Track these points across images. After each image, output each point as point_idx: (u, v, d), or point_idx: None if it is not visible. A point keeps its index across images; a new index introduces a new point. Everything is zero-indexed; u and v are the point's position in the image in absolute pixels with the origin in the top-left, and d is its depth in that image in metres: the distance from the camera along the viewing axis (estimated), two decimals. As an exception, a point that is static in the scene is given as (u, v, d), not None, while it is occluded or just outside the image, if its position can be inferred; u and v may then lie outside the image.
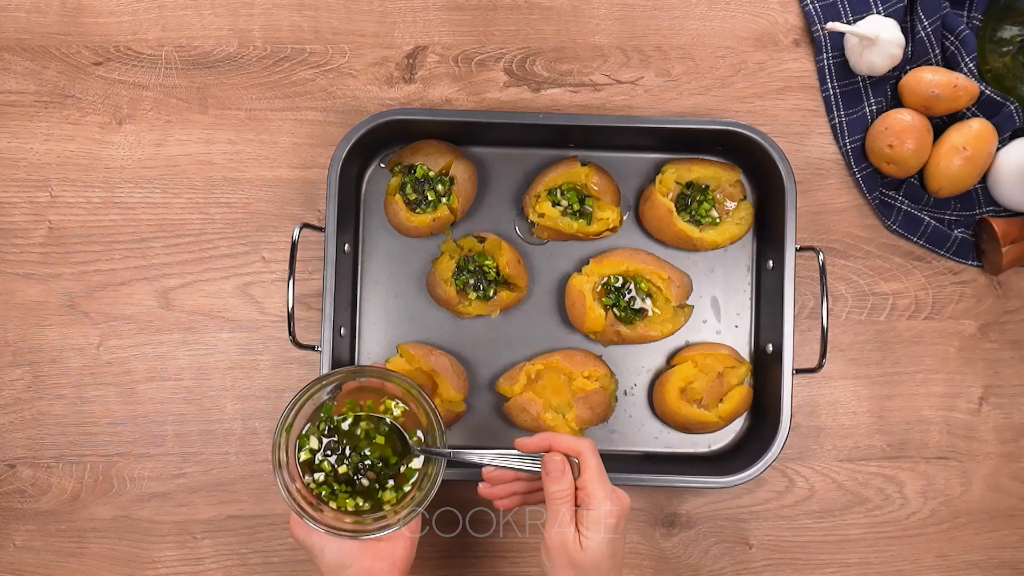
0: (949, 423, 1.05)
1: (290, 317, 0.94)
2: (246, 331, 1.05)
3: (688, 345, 1.04)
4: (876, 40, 1.00)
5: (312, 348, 0.97)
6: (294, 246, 0.94)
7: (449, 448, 0.86)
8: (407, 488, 0.88)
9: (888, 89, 1.05)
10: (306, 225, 0.96)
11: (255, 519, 1.04)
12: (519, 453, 0.85)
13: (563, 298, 1.03)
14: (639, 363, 1.04)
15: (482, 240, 1.03)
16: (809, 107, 1.07)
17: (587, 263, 1.02)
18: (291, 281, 0.93)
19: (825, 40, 1.05)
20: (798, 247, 0.98)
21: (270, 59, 1.06)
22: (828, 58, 1.05)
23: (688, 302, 1.04)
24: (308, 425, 0.88)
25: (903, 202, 1.05)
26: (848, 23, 1.05)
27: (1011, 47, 1.01)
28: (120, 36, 1.06)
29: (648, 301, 1.02)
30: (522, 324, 1.05)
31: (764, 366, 1.02)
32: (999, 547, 1.04)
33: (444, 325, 1.04)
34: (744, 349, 1.04)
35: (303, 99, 1.06)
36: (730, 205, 1.04)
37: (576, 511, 0.81)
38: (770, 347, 1.00)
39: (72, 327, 1.04)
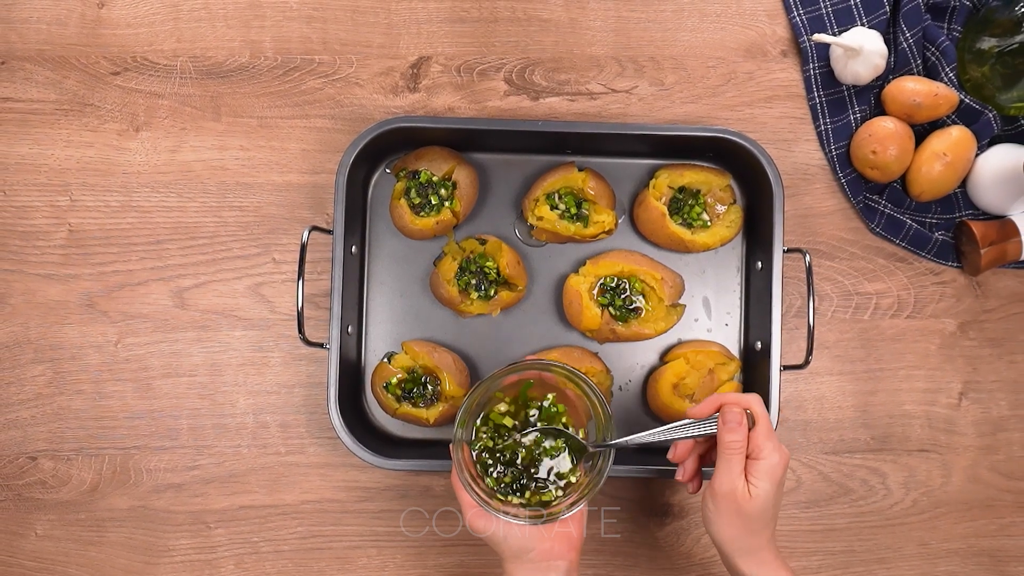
0: (930, 417, 1.05)
1: (300, 316, 0.94)
2: (257, 329, 1.05)
3: (680, 343, 1.04)
4: (860, 51, 1.00)
5: (321, 345, 0.97)
6: (303, 248, 0.94)
7: (619, 438, 0.85)
8: (574, 479, 0.87)
9: (872, 98, 1.05)
10: (315, 228, 0.96)
11: (266, 509, 1.04)
12: (689, 421, 0.85)
13: (561, 298, 1.03)
14: (633, 360, 1.05)
15: (483, 242, 1.03)
16: (796, 115, 1.07)
17: (584, 264, 1.02)
18: (300, 281, 0.93)
19: (811, 51, 1.06)
20: (786, 249, 0.98)
21: (280, 69, 1.06)
22: (814, 68, 1.06)
23: (680, 301, 1.04)
24: (482, 427, 0.87)
25: (886, 206, 1.05)
26: (833, 35, 1.05)
27: (990, 58, 1.01)
28: (137, 47, 1.07)
29: (642, 300, 1.02)
30: (522, 323, 1.05)
31: (753, 363, 1.02)
32: (978, 536, 1.05)
33: (447, 323, 1.05)
34: (734, 346, 1.04)
35: (312, 107, 1.06)
36: (721, 209, 1.04)
37: (746, 462, 0.83)
38: (759, 344, 1.01)
39: (91, 325, 1.05)
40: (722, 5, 1.07)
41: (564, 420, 0.88)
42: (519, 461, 0.86)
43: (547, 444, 0.87)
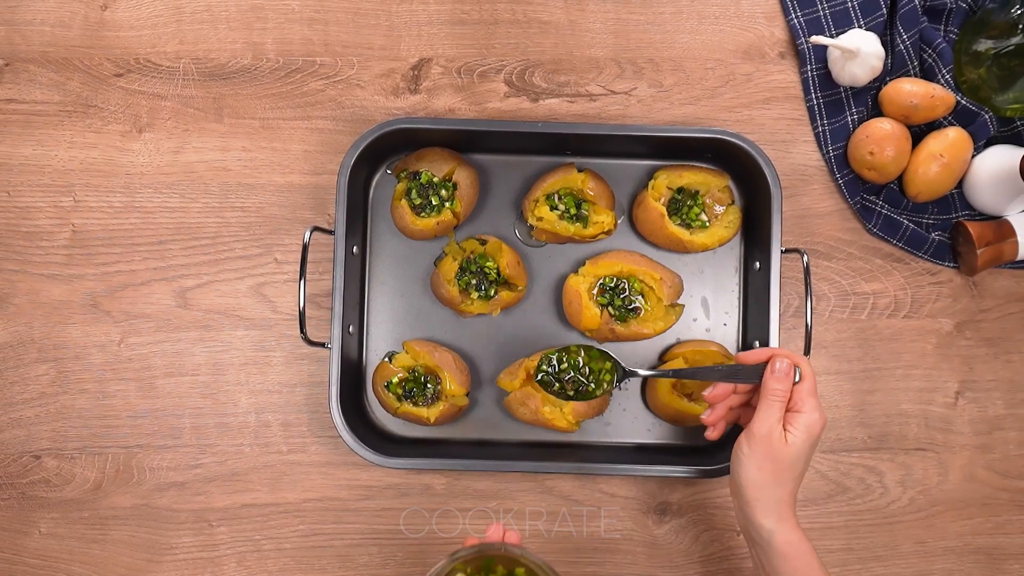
0: (927, 416, 1.05)
1: (301, 315, 0.94)
2: (259, 329, 1.05)
3: (679, 342, 1.04)
4: (858, 53, 1.01)
5: (322, 345, 0.97)
6: (305, 248, 0.94)
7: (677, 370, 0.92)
8: None
9: (869, 99, 1.05)
10: (317, 228, 0.96)
11: (268, 507, 1.04)
12: (736, 366, 0.89)
13: (560, 298, 1.04)
14: (633, 359, 1.05)
15: (483, 242, 1.03)
16: (794, 116, 1.07)
17: (583, 264, 1.03)
18: (302, 281, 0.94)
19: (809, 53, 1.06)
20: (783, 249, 0.99)
21: (282, 71, 1.07)
22: (812, 70, 1.06)
23: (679, 301, 1.04)
24: None
25: (883, 206, 1.06)
26: (831, 37, 1.05)
27: (986, 60, 1.01)
28: (140, 49, 1.07)
29: (641, 300, 1.02)
30: (521, 322, 1.05)
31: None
32: (974, 534, 1.05)
33: (447, 323, 1.05)
34: (732, 346, 1.05)
35: (314, 109, 1.06)
36: (719, 209, 1.04)
37: (786, 413, 0.86)
38: (757, 344, 1.01)
39: (94, 325, 1.05)
40: (720, 7, 1.07)
41: None
42: None
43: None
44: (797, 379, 0.86)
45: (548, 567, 0.80)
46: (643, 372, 0.94)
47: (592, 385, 0.96)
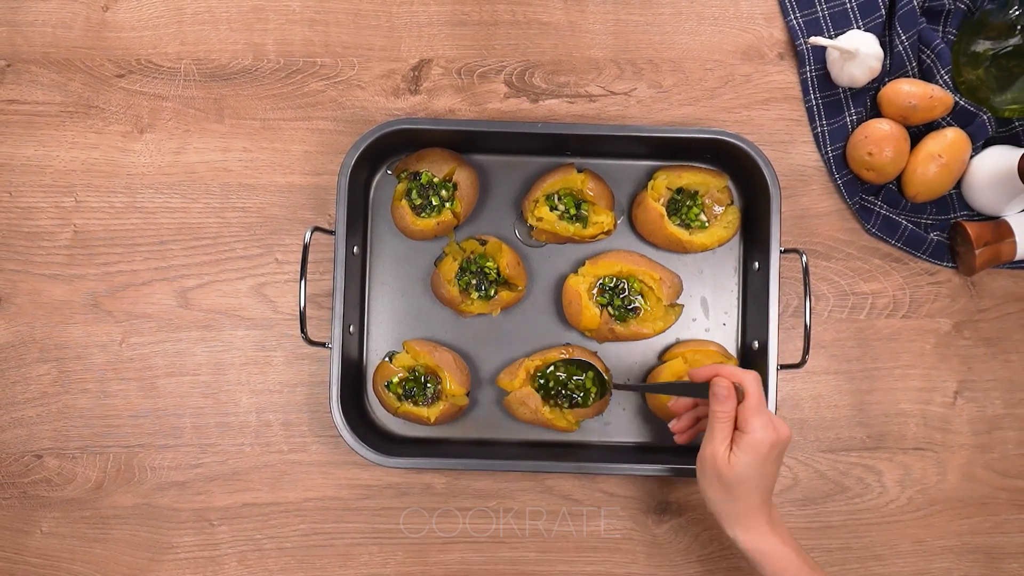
0: (925, 416, 1.05)
1: (302, 315, 0.94)
2: (260, 329, 1.05)
3: (679, 342, 1.05)
4: (856, 54, 1.01)
5: (323, 345, 0.97)
6: (306, 248, 0.94)
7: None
8: None
9: (868, 100, 1.05)
10: (317, 228, 0.96)
11: (269, 506, 1.04)
12: (688, 383, 0.90)
13: (560, 298, 1.04)
14: (632, 359, 1.05)
15: (484, 243, 1.03)
16: (793, 117, 1.07)
17: (583, 264, 1.03)
18: (303, 281, 0.94)
19: (808, 54, 1.06)
20: (782, 249, 0.99)
21: (283, 72, 1.07)
22: (811, 71, 1.06)
23: (678, 301, 1.04)
24: None
25: (882, 207, 1.06)
26: (830, 38, 1.05)
27: (984, 61, 1.01)
28: (141, 50, 1.07)
29: (641, 300, 1.02)
30: (521, 322, 1.05)
31: (750, 362, 1.02)
32: (972, 533, 1.05)
33: (448, 323, 1.05)
34: (731, 346, 1.05)
35: (314, 109, 1.07)
36: (718, 210, 1.04)
37: (734, 432, 0.86)
38: (756, 344, 1.01)
39: (96, 325, 1.05)
40: (720, 8, 1.08)
41: None
42: None
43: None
44: (741, 399, 0.87)
45: None
46: (617, 385, 0.98)
47: (580, 397, 1.00)
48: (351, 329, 1.01)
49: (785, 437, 0.86)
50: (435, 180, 1.02)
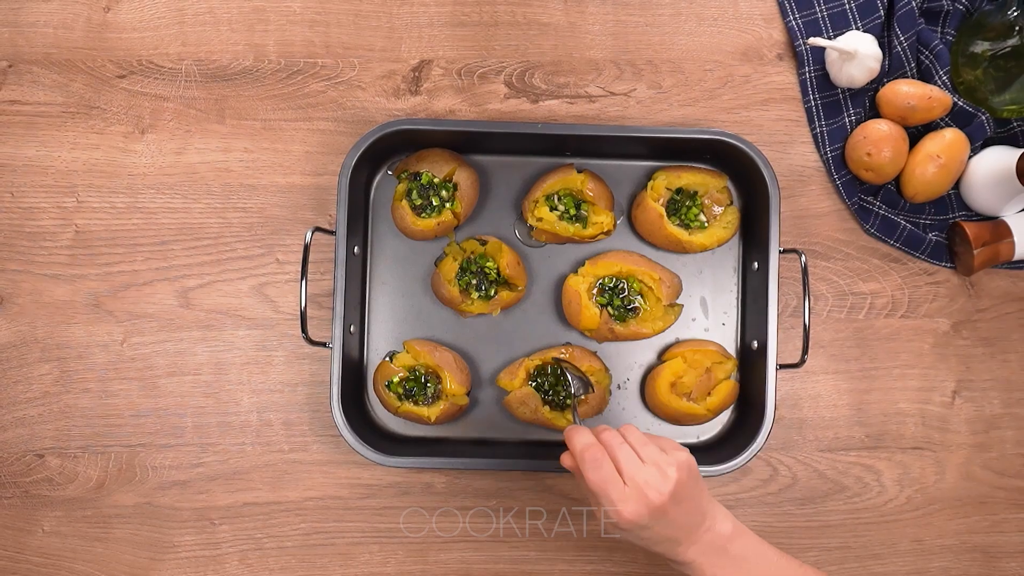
0: (924, 415, 1.06)
1: (303, 315, 0.94)
2: (261, 329, 1.05)
3: (678, 342, 1.05)
4: (855, 54, 1.01)
5: (323, 345, 0.97)
6: (307, 248, 0.94)
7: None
8: None
9: (866, 100, 1.06)
10: (318, 229, 0.97)
11: (270, 506, 1.04)
12: None
13: (560, 298, 1.04)
14: (632, 359, 1.05)
15: (484, 243, 1.03)
16: (792, 117, 1.07)
17: (583, 264, 1.03)
18: (304, 281, 0.94)
19: (807, 54, 1.06)
20: (781, 249, 0.99)
21: (284, 72, 1.07)
22: (810, 71, 1.06)
23: (678, 301, 1.05)
24: None
25: (880, 207, 1.06)
26: (829, 38, 1.06)
27: (983, 61, 1.01)
28: (143, 51, 1.07)
29: (640, 300, 1.02)
30: (521, 322, 1.05)
31: (750, 362, 1.02)
32: (971, 532, 1.05)
33: (448, 323, 1.05)
34: (731, 345, 1.05)
35: (315, 110, 1.07)
36: (717, 210, 1.04)
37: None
38: (755, 344, 1.01)
39: (97, 325, 1.05)
40: (719, 9, 1.08)
41: None
42: None
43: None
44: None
45: None
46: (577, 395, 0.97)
47: (563, 398, 1.01)
48: (352, 329, 1.01)
49: (622, 518, 0.79)
50: (435, 180, 1.02)
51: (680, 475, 0.80)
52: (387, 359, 1.03)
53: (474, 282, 1.02)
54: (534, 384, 1.01)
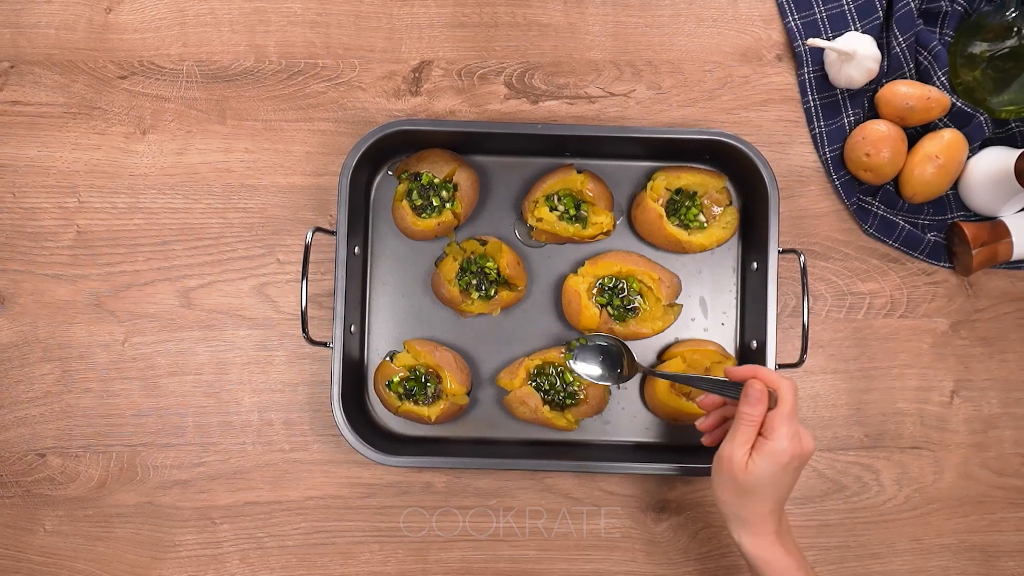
0: (922, 415, 1.06)
1: (303, 315, 0.94)
2: (262, 328, 1.06)
3: (677, 341, 1.05)
4: (854, 55, 1.01)
5: (324, 344, 0.98)
6: (307, 249, 0.94)
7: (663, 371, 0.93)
8: None
9: (865, 101, 1.06)
10: (319, 229, 0.97)
11: (271, 505, 1.04)
12: (723, 380, 0.88)
13: (560, 297, 1.04)
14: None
15: (484, 243, 1.03)
16: (791, 118, 1.08)
17: (582, 264, 1.03)
18: (304, 281, 0.94)
19: (806, 55, 1.06)
20: (781, 249, 0.99)
21: (285, 73, 1.07)
22: (809, 72, 1.06)
23: (677, 301, 1.05)
24: None
25: (879, 207, 1.06)
26: (828, 39, 1.06)
27: (981, 62, 1.01)
28: (144, 51, 1.07)
29: (640, 300, 1.03)
30: (521, 322, 1.05)
31: (749, 361, 1.02)
32: (969, 531, 1.05)
33: (448, 323, 1.05)
34: (730, 345, 1.05)
35: (316, 111, 1.07)
36: (717, 210, 1.04)
37: (757, 438, 0.84)
38: (754, 343, 1.01)
39: (99, 325, 1.05)
40: (718, 10, 1.08)
41: None
42: None
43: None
44: (773, 405, 0.85)
45: None
46: (647, 370, 0.96)
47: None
48: (352, 329, 1.01)
49: (808, 451, 0.84)
50: (436, 181, 1.02)
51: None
52: (387, 359, 1.03)
53: (474, 282, 1.02)
54: (534, 384, 1.01)
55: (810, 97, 1.06)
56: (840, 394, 1.05)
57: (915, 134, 1.05)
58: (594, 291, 1.02)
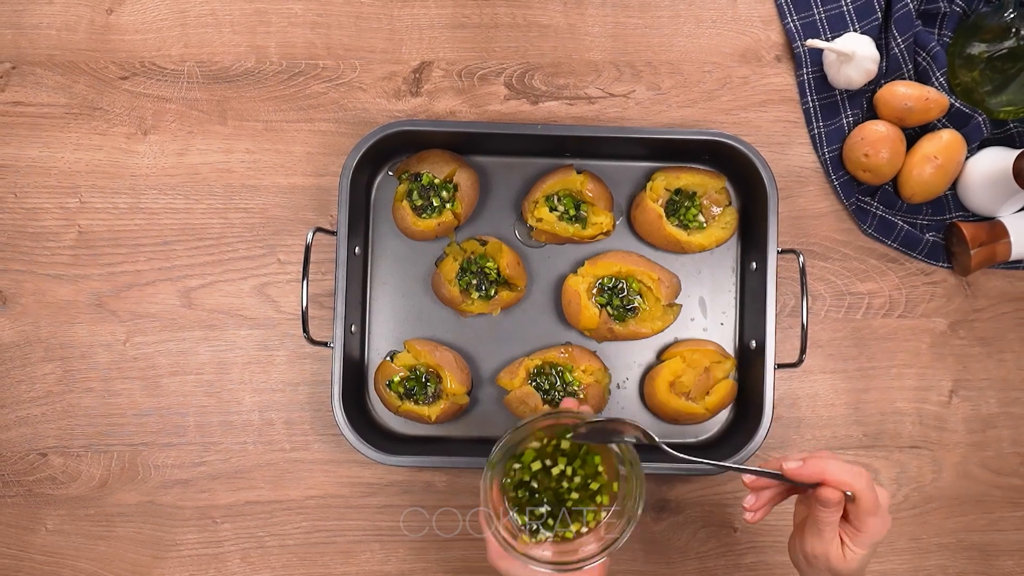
0: (921, 414, 1.06)
1: (304, 315, 0.94)
2: (263, 328, 1.06)
3: (677, 341, 1.05)
4: (853, 56, 1.01)
5: (325, 344, 0.98)
6: (308, 249, 0.95)
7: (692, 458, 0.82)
8: (602, 516, 0.87)
9: (864, 102, 1.06)
10: (319, 229, 0.97)
11: (272, 504, 1.05)
12: (779, 474, 0.80)
13: (560, 297, 1.04)
14: (631, 358, 1.05)
15: (484, 243, 1.04)
16: (790, 119, 1.08)
17: (582, 265, 1.03)
18: (305, 281, 0.94)
19: (805, 56, 1.06)
20: (780, 250, 0.99)
21: (285, 74, 1.07)
22: (808, 73, 1.07)
23: (677, 301, 1.05)
24: (512, 464, 0.84)
25: (878, 207, 1.06)
26: (827, 40, 1.06)
27: (979, 63, 1.01)
28: (145, 52, 1.07)
29: (639, 300, 1.03)
30: (521, 322, 1.06)
31: (748, 361, 1.03)
32: (967, 530, 1.05)
33: (448, 323, 1.05)
34: (729, 345, 1.05)
35: (316, 111, 1.07)
36: (716, 210, 1.04)
37: (846, 526, 0.80)
38: (754, 343, 1.01)
39: (100, 324, 1.05)
40: (717, 11, 1.08)
41: (599, 465, 0.87)
42: (549, 497, 0.85)
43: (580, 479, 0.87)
44: (851, 499, 0.78)
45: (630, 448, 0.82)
46: (692, 460, 0.84)
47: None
48: (353, 329, 1.01)
49: (888, 526, 0.80)
50: (436, 181, 1.02)
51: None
52: (388, 359, 1.03)
53: (474, 282, 1.03)
54: (534, 383, 1.01)
55: (809, 98, 1.07)
56: (839, 394, 1.06)
57: (914, 135, 1.05)
58: (594, 291, 1.02)
